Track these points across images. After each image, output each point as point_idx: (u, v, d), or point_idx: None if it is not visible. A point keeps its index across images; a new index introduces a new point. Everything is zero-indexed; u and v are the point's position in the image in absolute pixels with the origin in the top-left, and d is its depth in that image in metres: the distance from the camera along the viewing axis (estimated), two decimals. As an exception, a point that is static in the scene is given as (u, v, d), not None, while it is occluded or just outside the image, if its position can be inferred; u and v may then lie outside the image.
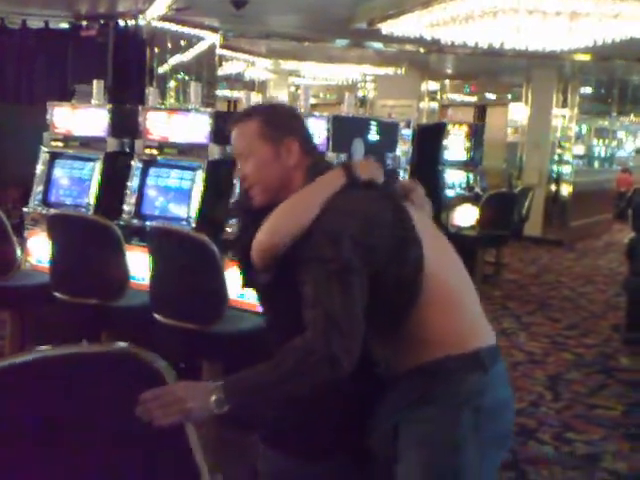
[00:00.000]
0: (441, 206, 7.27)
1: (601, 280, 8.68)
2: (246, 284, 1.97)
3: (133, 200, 4.26)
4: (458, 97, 14.13)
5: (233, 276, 3.55)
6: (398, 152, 4.29)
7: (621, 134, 18.15)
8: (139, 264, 3.76)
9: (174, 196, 4.20)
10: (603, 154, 15.21)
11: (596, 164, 14.75)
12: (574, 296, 7.73)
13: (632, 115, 15.85)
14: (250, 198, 1.90)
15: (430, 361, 1.78)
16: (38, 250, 4.44)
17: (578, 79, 12.25)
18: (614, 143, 16.37)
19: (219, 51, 9.32)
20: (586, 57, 10.09)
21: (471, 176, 8.16)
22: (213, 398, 1.62)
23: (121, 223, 4.09)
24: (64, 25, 7.39)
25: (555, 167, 12.05)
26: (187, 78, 8.80)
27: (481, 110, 13.36)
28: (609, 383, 4.91)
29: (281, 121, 1.91)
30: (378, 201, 1.81)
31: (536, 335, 6.04)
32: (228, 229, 3.81)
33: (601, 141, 15.09)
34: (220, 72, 10.19)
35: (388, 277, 1.75)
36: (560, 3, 6.22)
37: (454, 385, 1.78)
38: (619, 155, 17.45)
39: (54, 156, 4.67)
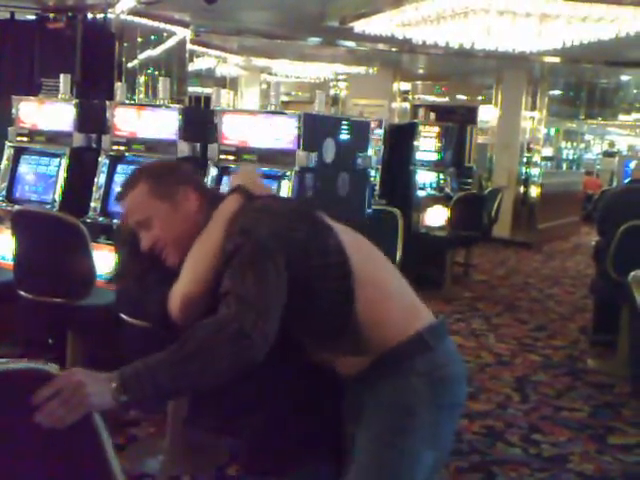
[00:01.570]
0: (412, 206, 7.28)
1: (569, 282, 8.77)
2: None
3: (100, 197, 4.18)
4: (429, 98, 14.17)
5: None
6: (369, 152, 4.25)
7: (589, 137, 18.39)
8: (106, 262, 3.69)
9: (142, 193, 4.12)
10: (571, 156, 15.39)
11: (564, 166, 14.92)
12: (542, 298, 7.79)
13: (599, 118, 16.06)
14: (163, 261, 1.88)
15: (378, 357, 1.80)
16: (2, 247, 4.34)
17: (547, 82, 12.38)
18: (582, 146, 16.58)
19: (190, 46, 9.22)
20: (555, 59, 10.19)
21: (442, 177, 8.18)
22: (113, 385, 1.50)
23: (87, 220, 4.02)
24: (31, 17, 7.24)
25: (524, 169, 12.16)
26: (157, 73, 8.69)
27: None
28: (576, 385, 4.94)
29: (168, 174, 1.92)
30: (280, 200, 1.91)
31: (504, 336, 6.07)
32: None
33: (569, 144, 15.26)
34: (191, 68, 10.09)
35: (317, 270, 1.74)
36: (530, 4, 6.26)
37: (406, 372, 1.80)
38: (587, 158, 17.67)
39: (19, 151, 4.57)
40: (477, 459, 3.68)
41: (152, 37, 8.76)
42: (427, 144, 8.04)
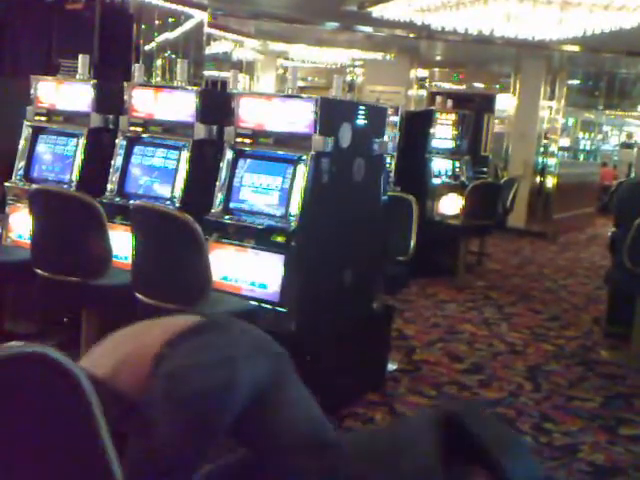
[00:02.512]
0: (427, 194, 7.26)
1: (583, 273, 8.73)
2: None
3: (116, 178, 4.20)
4: (447, 85, 14.09)
5: (216, 257, 3.53)
6: (385, 138, 4.24)
7: (607, 128, 18.24)
8: (122, 243, 3.71)
9: (158, 175, 4.14)
10: (588, 147, 15.27)
11: (581, 157, 14.82)
12: (556, 288, 7.77)
13: (618, 109, 15.91)
14: None
15: None
16: (19, 226, 4.37)
17: (566, 71, 12.26)
18: (600, 137, 16.44)
19: (207, 30, 9.21)
20: (575, 48, 10.10)
21: (457, 165, 8.15)
22: None
23: (104, 201, 4.03)
24: (50, -3, 7.25)
25: (540, 159, 12.09)
26: (174, 56, 8.69)
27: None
28: (588, 375, 4.93)
29: None
30: None
31: (517, 326, 6.06)
32: (212, 210, 3.77)
33: (587, 134, 15.14)
34: (208, 51, 10.09)
35: None
36: (551, -8, 6.21)
37: None
38: (604, 149, 17.54)
39: (37, 131, 4.59)
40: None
41: (170, 20, 8.77)
42: (443, 132, 7.99)
